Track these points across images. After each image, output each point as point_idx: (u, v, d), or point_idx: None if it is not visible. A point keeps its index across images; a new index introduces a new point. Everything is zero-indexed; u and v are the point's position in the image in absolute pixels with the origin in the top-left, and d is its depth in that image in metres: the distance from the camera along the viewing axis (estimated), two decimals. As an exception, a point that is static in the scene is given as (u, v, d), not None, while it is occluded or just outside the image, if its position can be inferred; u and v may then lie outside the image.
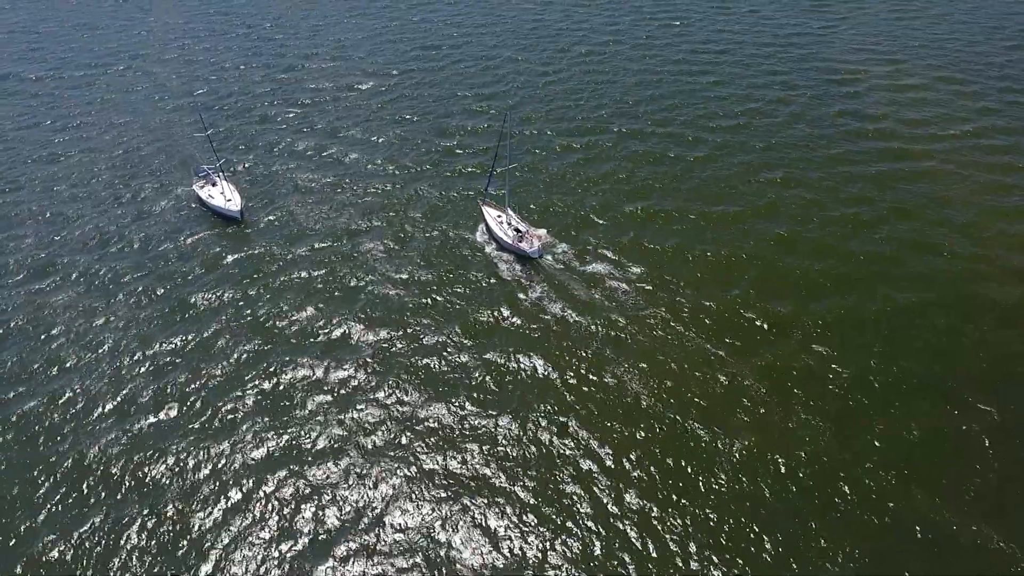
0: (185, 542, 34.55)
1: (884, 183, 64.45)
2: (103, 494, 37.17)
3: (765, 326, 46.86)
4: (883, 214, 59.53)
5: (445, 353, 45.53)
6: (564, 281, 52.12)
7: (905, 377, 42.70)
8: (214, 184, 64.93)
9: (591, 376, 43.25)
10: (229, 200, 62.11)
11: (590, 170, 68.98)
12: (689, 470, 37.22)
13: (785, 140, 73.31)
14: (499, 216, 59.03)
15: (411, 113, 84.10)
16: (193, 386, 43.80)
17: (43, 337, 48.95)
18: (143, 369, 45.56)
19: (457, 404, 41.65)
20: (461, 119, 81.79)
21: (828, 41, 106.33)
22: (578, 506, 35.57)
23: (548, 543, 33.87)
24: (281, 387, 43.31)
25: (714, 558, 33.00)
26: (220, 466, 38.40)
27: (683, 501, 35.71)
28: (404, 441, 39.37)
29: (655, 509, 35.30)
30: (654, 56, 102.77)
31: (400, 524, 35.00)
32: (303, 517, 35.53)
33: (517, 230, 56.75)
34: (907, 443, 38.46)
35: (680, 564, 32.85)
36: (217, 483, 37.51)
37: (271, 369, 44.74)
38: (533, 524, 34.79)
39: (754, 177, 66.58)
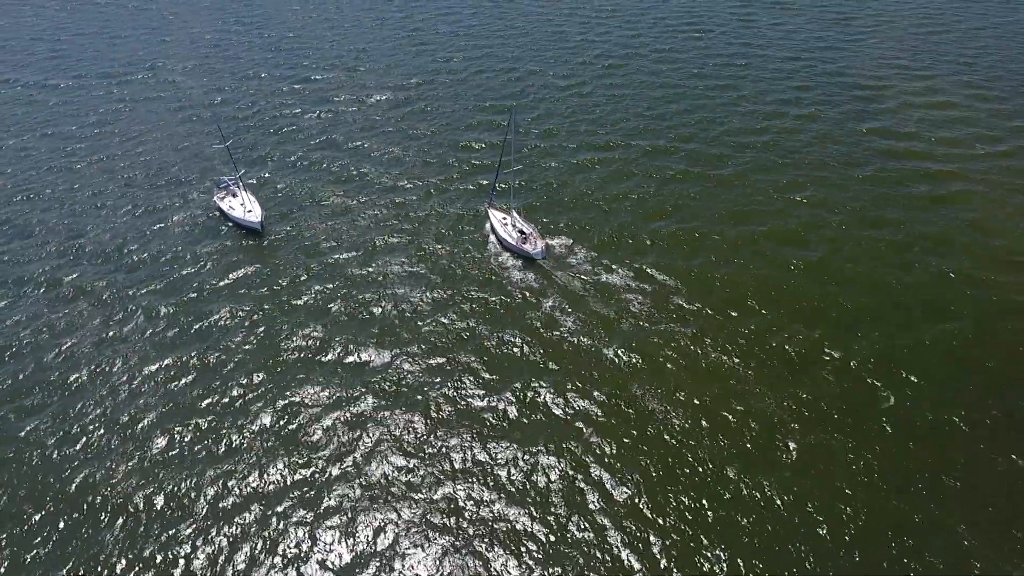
0: (187, 566, 33.61)
1: (915, 205, 62.55)
2: (109, 515, 36.35)
3: (793, 353, 45.25)
4: (914, 238, 57.65)
5: (462, 377, 44.38)
6: (582, 297, 51.05)
7: (942, 410, 40.89)
8: (234, 195, 64.58)
9: (614, 402, 41.88)
10: (250, 211, 61.80)
11: (611, 185, 67.77)
12: (710, 511, 35.71)
13: (813, 158, 71.57)
14: (504, 218, 59.97)
15: (429, 124, 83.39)
16: (205, 402, 43.05)
17: (56, 349, 48.55)
18: (155, 383, 45.01)
19: (471, 430, 40.45)
20: (479, 131, 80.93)
21: (855, 55, 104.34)
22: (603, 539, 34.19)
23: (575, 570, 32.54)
24: (294, 407, 42.37)
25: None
26: (228, 488, 37.47)
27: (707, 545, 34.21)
28: (418, 467, 38.23)
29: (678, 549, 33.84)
30: (677, 69, 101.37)
31: (413, 556, 33.83)
32: (313, 543, 34.45)
33: (521, 232, 57.61)
34: (949, 488, 36.68)
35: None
36: (225, 505, 36.60)
37: (285, 388, 43.86)
38: (553, 549, 33.47)
39: (781, 196, 64.99)
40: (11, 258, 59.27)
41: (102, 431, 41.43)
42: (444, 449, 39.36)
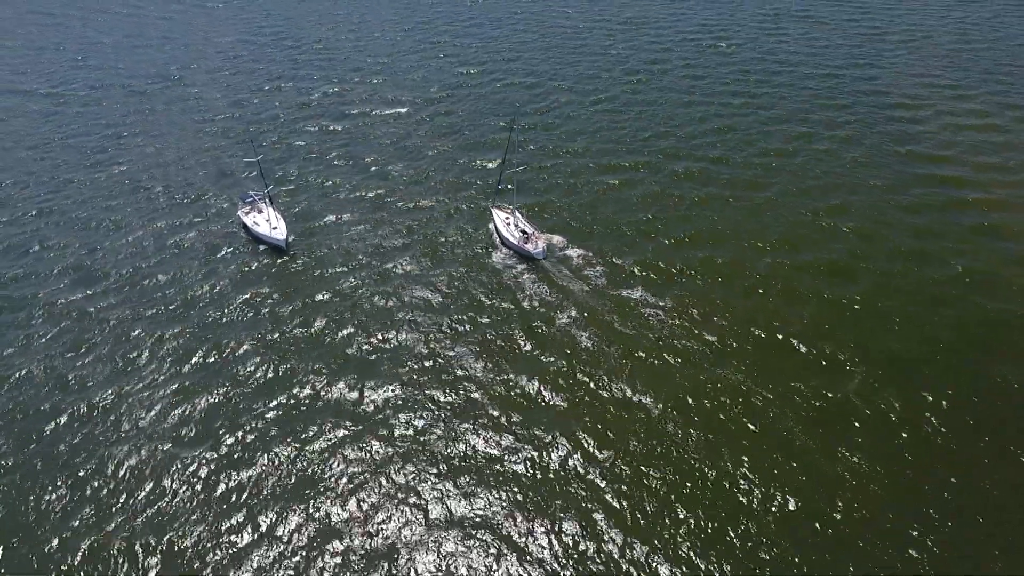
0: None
1: (951, 226, 60.57)
2: (122, 512, 35.22)
3: (818, 381, 43.20)
4: (949, 260, 55.69)
5: (480, 417, 42.78)
6: (600, 310, 50.20)
7: (972, 432, 38.65)
8: (260, 211, 63.46)
9: (626, 414, 40.10)
10: (275, 228, 60.65)
11: (635, 198, 66.54)
12: (729, 528, 33.80)
13: (849, 182, 69.16)
14: (507, 218, 60.94)
15: (450, 139, 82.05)
16: (216, 418, 41.88)
17: (71, 354, 48.32)
18: (168, 392, 44.79)
19: (485, 441, 38.80)
20: (499, 150, 79.36)
21: (890, 72, 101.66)
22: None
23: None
24: (307, 425, 40.98)
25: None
26: (239, 497, 36.31)
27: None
28: (432, 482, 36.68)
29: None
30: (702, 78, 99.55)
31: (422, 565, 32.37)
32: (322, 551, 33.16)
33: (524, 232, 58.53)
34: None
35: None
36: (236, 513, 35.48)
37: (299, 406, 42.62)
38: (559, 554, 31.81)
39: (812, 213, 63.15)
40: (27, 266, 58.80)
41: (113, 429, 40.39)
42: (457, 458, 37.82)
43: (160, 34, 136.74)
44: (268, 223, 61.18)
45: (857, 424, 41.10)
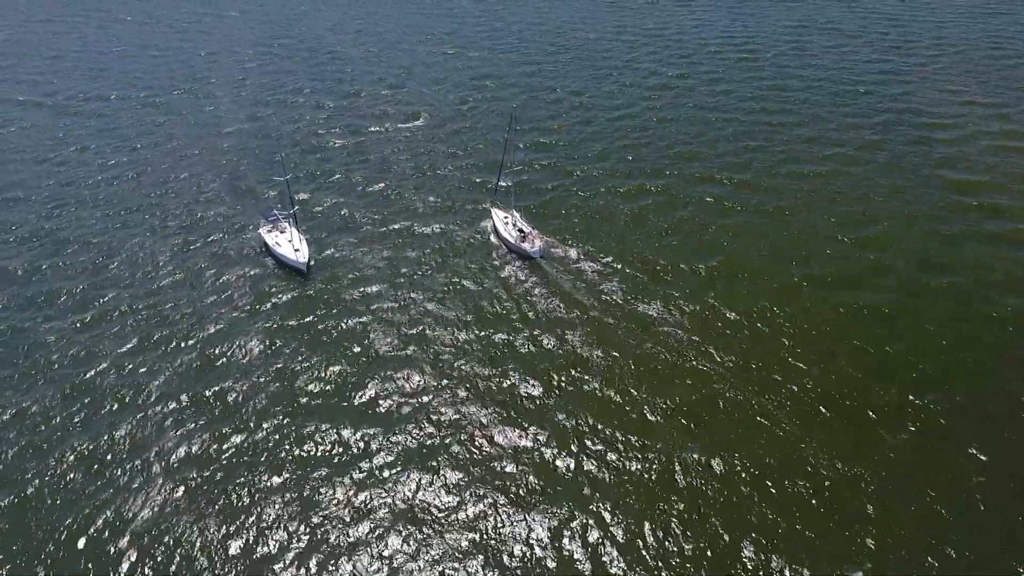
0: None
1: (988, 251, 58.57)
2: (128, 554, 33.87)
3: (851, 421, 41.07)
4: (989, 292, 53.46)
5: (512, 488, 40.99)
6: (629, 341, 48.58)
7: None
8: (282, 231, 61.67)
9: (669, 461, 38.19)
10: (297, 250, 58.76)
11: (662, 217, 65.40)
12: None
13: (881, 203, 66.75)
14: (506, 217, 62.47)
15: (472, 153, 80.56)
16: (225, 443, 40.35)
17: (78, 377, 47.18)
18: (176, 419, 43.51)
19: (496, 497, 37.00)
20: (525, 154, 77.75)
21: (919, 84, 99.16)
22: None
23: None
24: (314, 451, 39.25)
25: None
26: (246, 529, 34.76)
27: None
28: (446, 515, 34.95)
29: None
30: (730, 93, 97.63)
31: None
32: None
33: (521, 231, 59.99)
34: None
35: None
36: (244, 543, 34.09)
37: (307, 430, 41.42)
38: None
39: (846, 236, 61.15)
40: (43, 277, 57.95)
41: (118, 459, 39.00)
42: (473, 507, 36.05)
43: (179, 44, 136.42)
44: (291, 244, 59.42)
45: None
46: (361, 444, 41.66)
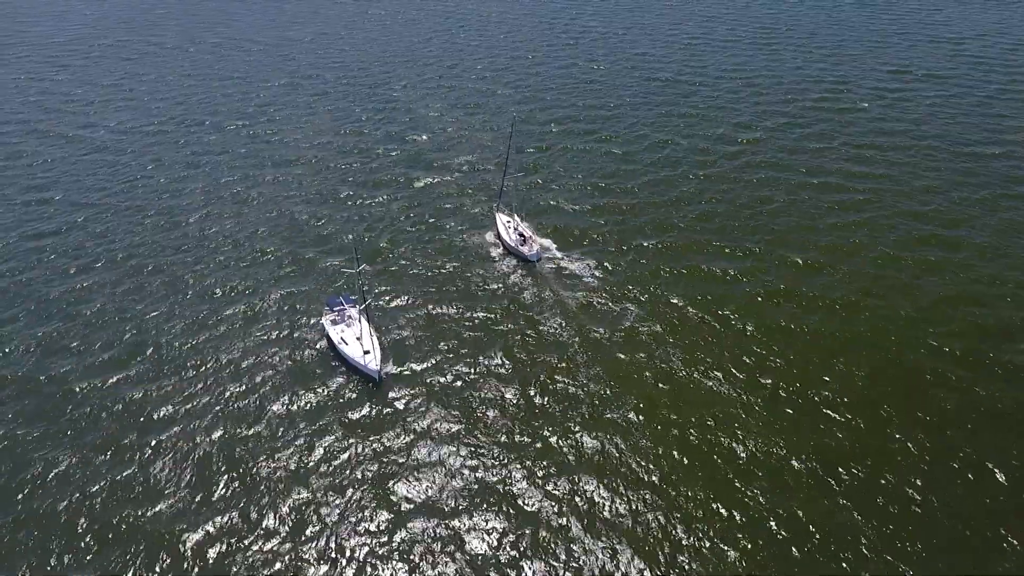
0: None
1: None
2: None
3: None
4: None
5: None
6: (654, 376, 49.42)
7: None
8: (349, 324, 54.23)
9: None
10: (367, 352, 50.97)
11: (704, 236, 67.44)
12: None
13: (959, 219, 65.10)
14: (508, 221, 66.20)
15: (558, 228, 74.04)
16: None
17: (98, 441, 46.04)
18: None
19: None
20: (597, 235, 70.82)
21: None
22: None
23: None
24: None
25: None
26: None
27: None
28: None
29: None
30: (835, 135, 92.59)
31: None
32: None
33: (521, 235, 63.71)
34: None
35: None
36: None
37: None
38: None
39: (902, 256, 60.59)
40: (70, 345, 55.42)
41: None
42: None
43: (242, 72, 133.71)
44: (359, 341, 51.95)
45: None
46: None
